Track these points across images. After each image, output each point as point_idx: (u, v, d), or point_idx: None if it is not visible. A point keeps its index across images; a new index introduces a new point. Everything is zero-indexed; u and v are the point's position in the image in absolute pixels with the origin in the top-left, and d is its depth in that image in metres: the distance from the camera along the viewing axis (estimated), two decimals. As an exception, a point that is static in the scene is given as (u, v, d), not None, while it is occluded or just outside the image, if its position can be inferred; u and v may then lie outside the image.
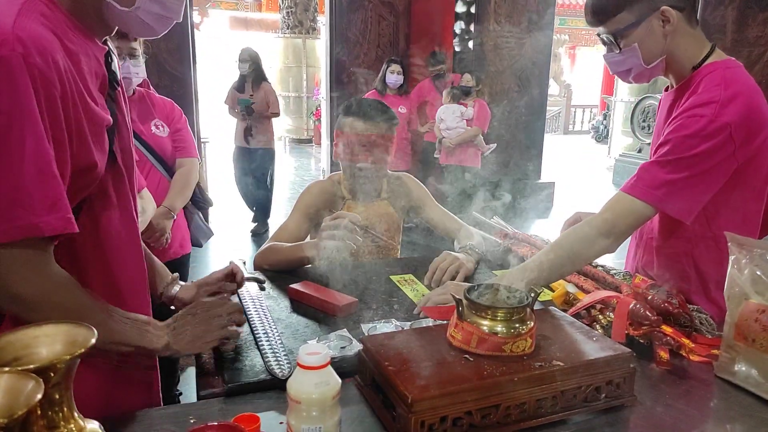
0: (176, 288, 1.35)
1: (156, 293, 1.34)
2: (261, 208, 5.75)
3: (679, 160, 1.23)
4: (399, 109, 5.12)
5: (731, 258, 1.12)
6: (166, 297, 1.35)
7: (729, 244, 1.12)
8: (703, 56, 1.32)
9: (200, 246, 2.65)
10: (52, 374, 0.65)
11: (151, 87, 2.44)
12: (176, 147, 2.41)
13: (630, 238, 1.56)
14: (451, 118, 5.05)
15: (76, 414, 0.70)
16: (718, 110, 1.21)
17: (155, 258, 1.35)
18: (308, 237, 1.87)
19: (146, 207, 2.04)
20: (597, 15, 1.34)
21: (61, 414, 0.68)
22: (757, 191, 1.32)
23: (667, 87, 1.46)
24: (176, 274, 1.38)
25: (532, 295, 1.02)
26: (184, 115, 2.46)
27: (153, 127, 2.32)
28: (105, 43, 1.03)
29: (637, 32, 1.30)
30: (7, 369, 0.62)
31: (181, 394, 2.65)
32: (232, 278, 1.39)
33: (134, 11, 0.98)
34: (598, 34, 1.37)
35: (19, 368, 0.62)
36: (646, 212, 1.28)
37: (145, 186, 2.10)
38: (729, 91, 1.23)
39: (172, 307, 1.35)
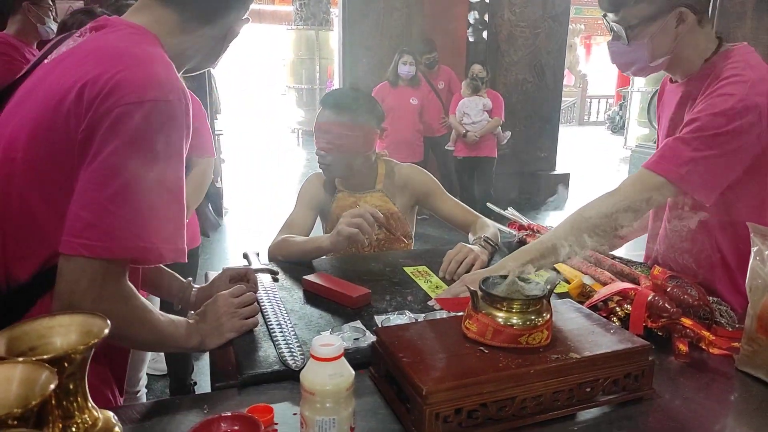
0: (192, 292, 1.35)
1: (173, 300, 1.34)
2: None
3: (705, 137, 1.21)
4: (411, 101, 5.08)
5: (753, 249, 1.09)
6: (184, 302, 1.35)
7: (751, 235, 1.09)
8: (713, 50, 1.31)
9: (207, 236, 2.65)
10: (67, 364, 0.65)
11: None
12: (192, 144, 2.38)
13: (649, 225, 1.54)
14: (475, 112, 5.01)
15: (90, 404, 0.71)
16: (749, 89, 1.19)
17: (166, 268, 1.34)
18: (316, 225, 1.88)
19: None
20: (614, 2, 1.30)
21: (75, 404, 0.68)
22: None
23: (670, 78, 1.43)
24: (190, 279, 1.37)
25: (548, 286, 1.00)
26: (203, 109, 2.40)
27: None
28: None
29: (650, 28, 1.27)
30: (22, 359, 0.63)
31: (195, 384, 2.67)
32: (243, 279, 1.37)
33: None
34: (604, 16, 1.33)
35: (34, 358, 0.63)
36: (667, 189, 1.25)
37: None
38: (757, 73, 1.21)
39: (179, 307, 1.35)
